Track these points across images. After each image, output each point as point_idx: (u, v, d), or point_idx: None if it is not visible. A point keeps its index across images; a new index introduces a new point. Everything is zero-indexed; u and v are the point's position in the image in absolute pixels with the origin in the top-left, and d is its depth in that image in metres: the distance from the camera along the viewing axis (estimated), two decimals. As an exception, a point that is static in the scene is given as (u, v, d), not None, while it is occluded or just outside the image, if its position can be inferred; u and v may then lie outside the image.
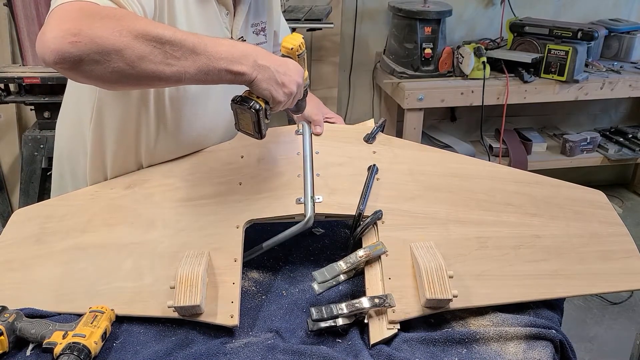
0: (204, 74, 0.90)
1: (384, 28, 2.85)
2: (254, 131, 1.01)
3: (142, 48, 0.83)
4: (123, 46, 0.82)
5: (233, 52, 0.92)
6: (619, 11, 3.05)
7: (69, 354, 0.85)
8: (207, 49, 0.89)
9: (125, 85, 0.91)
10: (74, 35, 0.79)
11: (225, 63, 0.90)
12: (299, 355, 0.91)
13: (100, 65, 0.82)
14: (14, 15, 2.10)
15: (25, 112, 2.58)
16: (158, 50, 0.85)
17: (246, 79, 0.94)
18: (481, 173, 1.22)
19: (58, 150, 1.30)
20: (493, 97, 2.57)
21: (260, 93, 0.97)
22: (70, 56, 0.80)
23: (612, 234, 1.16)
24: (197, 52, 0.88)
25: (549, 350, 0.94)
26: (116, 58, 0.82)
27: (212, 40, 0.91)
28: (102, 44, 0.80)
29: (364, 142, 1.24)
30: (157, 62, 0.85)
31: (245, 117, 1.00)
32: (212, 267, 1.02)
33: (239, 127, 1.03)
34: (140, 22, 0.85)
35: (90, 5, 0.84)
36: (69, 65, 0.81)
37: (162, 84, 0.94)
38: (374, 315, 0.97)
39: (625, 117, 3.29)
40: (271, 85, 0.96)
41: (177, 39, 0.86)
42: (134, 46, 0.82)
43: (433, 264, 0.97)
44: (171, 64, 0.86)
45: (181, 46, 0.87)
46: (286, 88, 0.98)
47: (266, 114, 0.99)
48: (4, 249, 1.13)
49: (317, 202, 1.11)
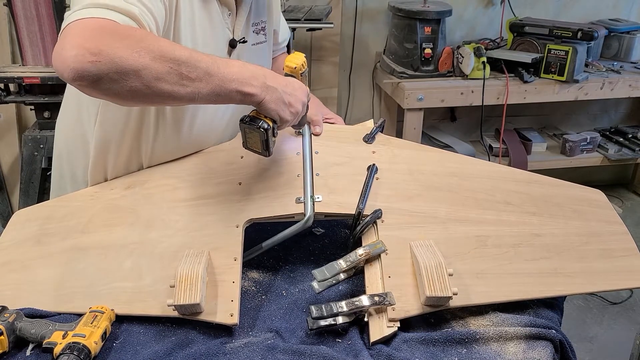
0: (216, 95, 0.91)
1: (384, 28, 2.85)
2: (262, 149, 1.03)
3: (159, 69, 0.84)
4: (141, 67, 0.83)
5: (243, 73, 0.93)
6: (619, 11, 3.05)
7: (68, 354, 0.85)
8: (220, 70, 0.91)
9: (139, 102, 0.93)
10: (95, 55, 0.80)
11: (236, 84, 0.92)
12: (299, 355, 0.91)
13: (117, 84, 0.83)
14: (14, 15, 2.10)
15: (25, 112, 2.58)
16: (174, 72, 0.86)
17: (255, 99, 0.95)
18: (481, 172, 1.22)
19: (57, 151, 1.30)
20: (493, 97, 2.57)
21: (268, 113, 0.99)
22: (90, 75, 0.81)
23: (611, 233, 1.16)
24: (211, 73, 0.89)
25: (549, 350, 0.94)
26: (134, 78, 0.83)
27: (224, 62, 0.93)
28: (122, 64, 0.81)
29: (364, 142, 1.24)
30: (173, 83, 0.86)
31: (253, 136, 1.02)
32: (212, 266, 1.02)
33: (247, 145, 1.05)
34: (159, 43, 0.87)
35: (110, 24, 0.85)
36: (87, 83, 0.82)
37: (176, 103, 0.95)
38: (373, 314, 0.97)
39: (625, 117, 3.30)
40: (279, 105, 0.98)
41: (193, 60, 0.88)
42: (151, 67, 0.84)
43: (433, 262, 0.97)
44: (186, 85, 0.88)
45: (196, 67, 0.88)
46: (292, 107, 1.01)
47: (274, 132, 1.02)
48: (4, 250, 1.13)
49: (316, 201, 1.11)
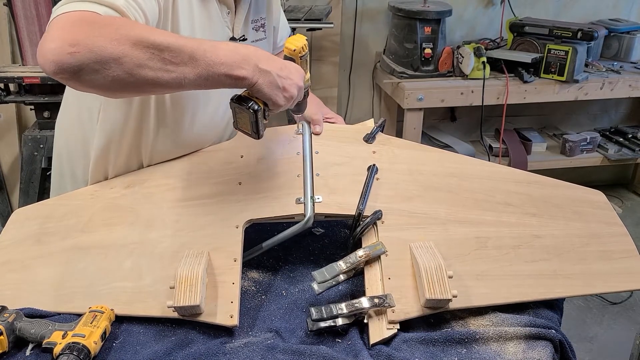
0: (204, 79, 0.89)
1: (384, 28, 2.85)
2: (252, 131, 1.01)
3: (140, 55, 0.83)
4: (121, 54, 0.82)
5: (234, 57, 0.91)
6: (619, 11, 3.05)
7: (68, 353, 0.85)
8: (207, 55, 0.88)
9: (126, 92, 0.92)
10: (72, 45, 0.79)
11: (226, 68, 0.90)
12: (299, 355, 0.91)
13: (99, 74, 0.82)
14: (14, 15, 2.10)
15: (25, 112, 2.58)
16: (156, 57, 0.84)
17: (247, 83, 0.93)
18: (481, 173, 1.22)
19: (57, 150, 1.30)
20: (493, 97, 2.57)
21: (260, 96, 0.97)
22: (69, 67, 0.80)
23: (611, 234, 1.16)
24: (196, 57, 0.87)
25: (549, 350, 0.94)
26: (115, 66, 0.82)
27: (213, 45, 0.90)
28: (100, 53, 0.80)
29: (364, 142, 1.24)
30: (156, 69, 0.85)
31: (243, 117, 1.00)
32: (211, 267, 1.02)
33: (237, 125, 1.03)
34: (138, 29, 0.85)
35: (90, 15, 0.84)
36: (69, 75, 0.81)
37: (163, 90, 0.94)
38: (373, 315, 0.97)
39: (625, 117, 3.29)
40: (272, 89, 0.96)
41: (175, 45, 0.86)
42: (132, 54, 0.82)
43: (432, 264, 0.97)
44: (170, 70, 0.86)
45: (179, 52, 0.86)
46: (287, 92, 0.98)
47: (265, 114, 0.99)
48: (3, 249, 1.13)
49: (316, 202, 1.11)
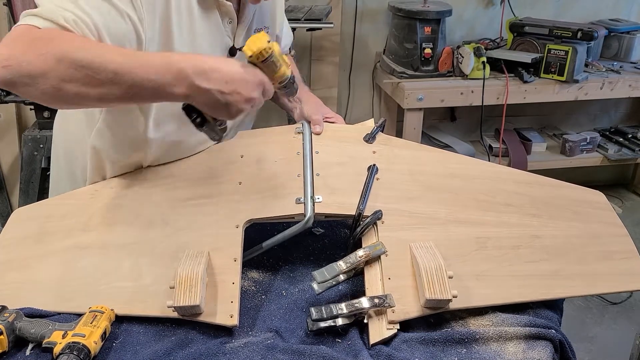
0: (133, 96, 0.88)
1: (384, 28, 2.85)
2: (209, 137, 0.98)
3: (64, 71, 0.84)
4: (47, 69, 0.84)
5: (165, 74, 0.87)
6: (619, 11, 3.05)
7: (68, 353, 0.85)
8: (134, 72, 0.86)
9: (58, 105, 0.94)
10: (6, 59, 0.83)
11: (155, 86, 0.87)
12: (299, 355, 0.91)
13: (31, 87, 0.85)
14: (14, 15, 2.10)
15: (25, 112, 2.58)
16: (79, 74, 0.85)
17: (182, 101, 0.92)
18: (481, 173, 1.22)
19: (56, 150, 1.30)
20: (493, 97, 2.57)
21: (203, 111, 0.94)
22: (4, 79, 0.84)
23: (611, 235, 1.16)
24: (121, 74, 0.86)
25: (549, 350, 0.94)
26: (42, 81, 0.84)
27: (146, 60, 0.88)
28: (28, 67, 0.83)
29: (364, 142, 1.24)
30: (80, 85, 0.86)
31: None
32: (211, 266, 1.02)
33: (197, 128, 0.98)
34: (67, 45, 0.86)
35: (28, 30, 0.87)
36: (5, 86, 0.85)
37: (94, 104, 0.93)
38: (373, 316, 0.97)
39: (625, 117, 3.29)
40: (212, 108, 0.92)
41: (97, 63, 0.85)
42: (56, 69, 0.84)
43: (433, 264, 0.97)
44: (94, 86, 0.86)
45: (101, 70, 0.85)
46: (233, 107, 0.92)
47: (217, 122, 0.95)
48: (3, 248, 1.13)
49: (316, 202, 1.10)
